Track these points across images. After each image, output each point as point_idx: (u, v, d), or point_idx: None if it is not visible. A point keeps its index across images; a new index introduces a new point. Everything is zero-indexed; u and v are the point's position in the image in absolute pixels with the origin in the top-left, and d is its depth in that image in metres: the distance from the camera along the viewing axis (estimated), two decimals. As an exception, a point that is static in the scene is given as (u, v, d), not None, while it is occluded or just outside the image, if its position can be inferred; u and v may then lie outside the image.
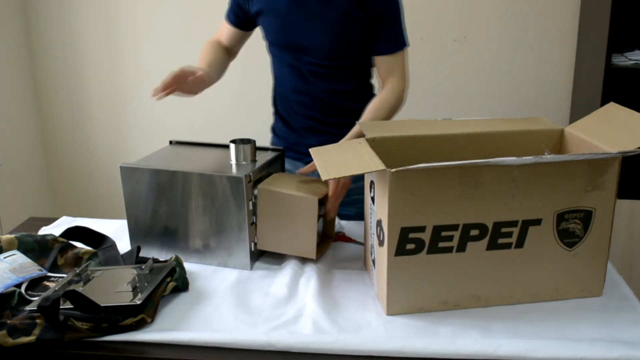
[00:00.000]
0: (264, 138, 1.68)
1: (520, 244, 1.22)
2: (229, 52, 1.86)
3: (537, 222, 1.21)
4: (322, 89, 1.72)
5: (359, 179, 1.53)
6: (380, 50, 1.67)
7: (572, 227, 1.23)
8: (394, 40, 1.66)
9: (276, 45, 1.74)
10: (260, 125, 2.93)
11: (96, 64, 2.95)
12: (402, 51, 1.68)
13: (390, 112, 1.64)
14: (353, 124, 1.56)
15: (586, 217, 1.23)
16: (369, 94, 1.79)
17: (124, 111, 3.01)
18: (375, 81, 1.80)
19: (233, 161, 1.48)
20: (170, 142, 1.67)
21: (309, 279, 1.36)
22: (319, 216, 1.43)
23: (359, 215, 1.60)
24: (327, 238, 1.53)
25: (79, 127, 3.05)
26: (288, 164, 1.77)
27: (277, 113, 1.87)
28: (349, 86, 1.74)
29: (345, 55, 1.68)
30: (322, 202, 1.42)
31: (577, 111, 2.65)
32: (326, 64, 1.68)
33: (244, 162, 1.47)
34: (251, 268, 1.43)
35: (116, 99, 2.99)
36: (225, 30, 1.83)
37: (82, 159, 3.10)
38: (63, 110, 3.04)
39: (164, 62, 2.90)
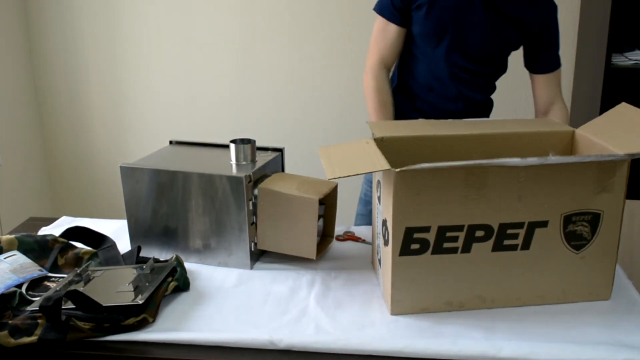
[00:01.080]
0: (264, 138, 1.68)
1: (526, 245, 1.21)
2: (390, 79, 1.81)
3: (544, 224, 1.20)
4: (456, 92, 1.75)
5: None
6: (543, 69, 1.78)
7: (580, 230, 1.22)
8: (554, 59, 1.78)
9: (430, 39, 1.70)
10: (260, 125, 2.94)
11: (96, 64, 2.94)
12: (559, 70, 1.78)
13: None
14: None
15: (594, 220, 1.22)
16: (490, 108, 1.86)
17: (124, 111, 3.00)
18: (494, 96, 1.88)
19: (233, 161, 1.48)
20: (170, 142, 1.67)
21: (313, 278, 1.37)
22: (319, 216, 1.43)
23: None
24: (327, 238, 1.53)
25: (79, 127, 3.05)
26: None
27: (400, 110, 1.83)
28: (480, 96, 1.80)
29: (493, 61, 1.73)
30: (322, 202, 1.42)
31: (577, 111, 2.65)
32: (470, 68, 1.71)
33: (244, 162, 1.47)
34: (251, 268, 1.43)
35: (116, 99, 2.99)
36: (390, 38, 1.72)
37: (82, 159, 3.09)
38: (63, 110, 3.03)
39: (164, 62, 2.90)
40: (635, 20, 2.54)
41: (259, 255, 1.47)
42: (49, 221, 1.71)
